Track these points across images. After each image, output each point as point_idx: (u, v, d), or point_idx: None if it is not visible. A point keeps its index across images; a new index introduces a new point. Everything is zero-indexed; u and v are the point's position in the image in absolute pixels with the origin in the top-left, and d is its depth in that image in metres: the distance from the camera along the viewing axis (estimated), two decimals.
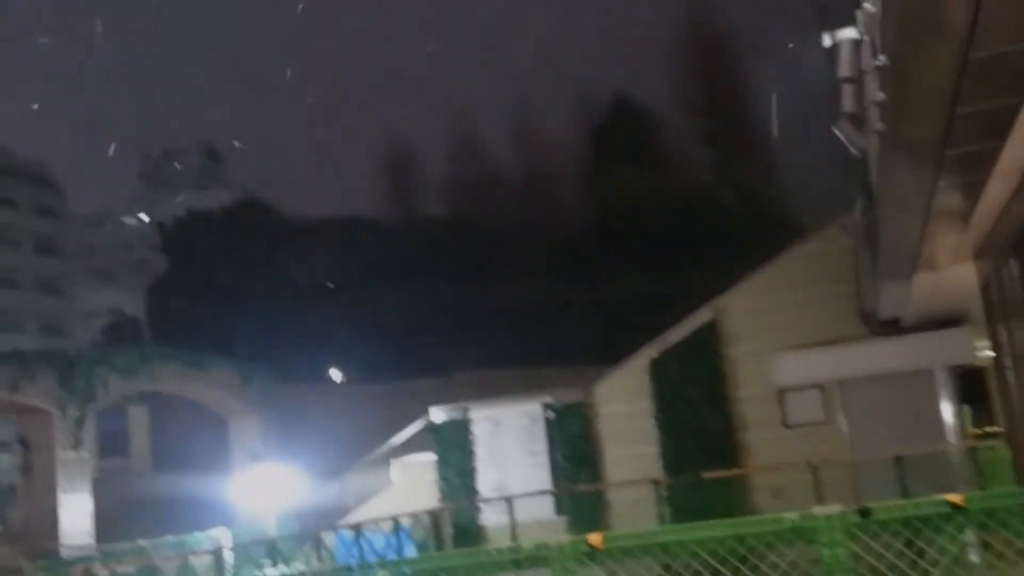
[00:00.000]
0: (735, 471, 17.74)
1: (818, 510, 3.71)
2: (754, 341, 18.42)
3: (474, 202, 49.19)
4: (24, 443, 24.51)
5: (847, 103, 7.84)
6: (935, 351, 17.06)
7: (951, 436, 16.87)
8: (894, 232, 10.01)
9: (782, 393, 18.22)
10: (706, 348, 18.78)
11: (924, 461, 15.29)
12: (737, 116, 46.56)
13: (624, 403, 19.43)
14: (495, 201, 48.64)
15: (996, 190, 8.18)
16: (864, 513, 3.65)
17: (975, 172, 7.59)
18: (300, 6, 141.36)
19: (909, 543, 3.71)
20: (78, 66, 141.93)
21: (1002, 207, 8.84)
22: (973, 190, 8.23)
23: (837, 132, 8.30)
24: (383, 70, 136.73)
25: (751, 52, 49.48)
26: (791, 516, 3.74)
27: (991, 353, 14.68)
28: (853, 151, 8.62)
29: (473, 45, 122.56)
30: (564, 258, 39.57)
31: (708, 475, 17.36)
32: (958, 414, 17.15)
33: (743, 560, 3.88)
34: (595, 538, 3.94)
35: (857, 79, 7.44)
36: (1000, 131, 6.56)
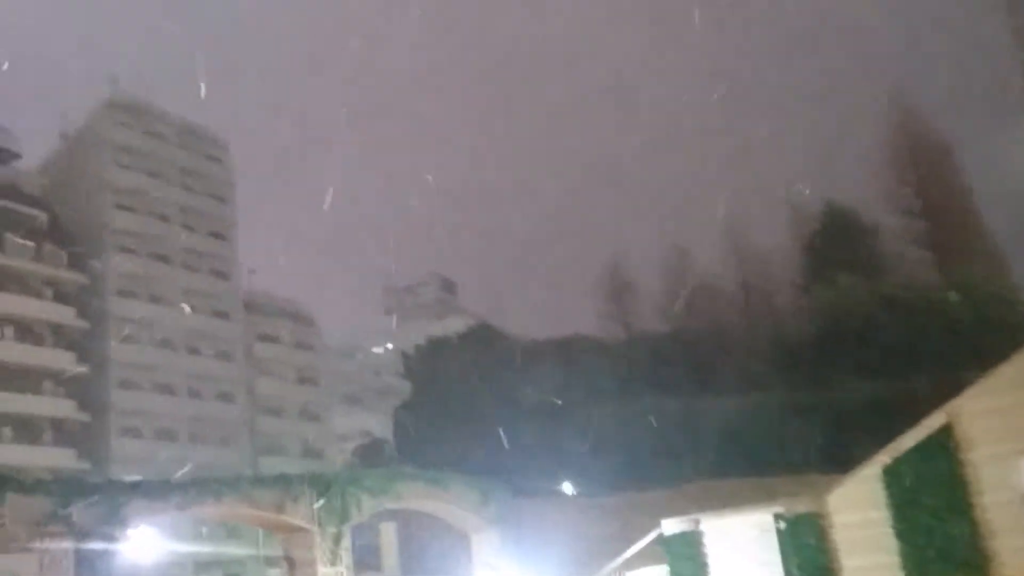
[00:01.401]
0: None
1: None
2: (996, 444, 16.92)
3: (692, 316, 48.61)
4: (289, 560, 25.60)
5: None
6: None
7: None
8: None
9: None
10: (943, 453, 17.40)
11: None
12: (954, 215, 44.12)
13: (858, 512, 18.23)
14: (712, 313, 47.88)
15: None
16: None
17: None
18: (514, 133, 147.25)
19: None
20: (325, 216, 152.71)
21: None
22: None
23: None
24: (597, 190, 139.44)
25: (962, 148, 46.88)
26: None
27: None
28: None
29: (682, 161, 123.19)
30: (785, 366, 38.19)
31: None
32: None
33: None
34: None
35: None
36: None
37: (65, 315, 56.64)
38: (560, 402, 40.56)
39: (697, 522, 20.53)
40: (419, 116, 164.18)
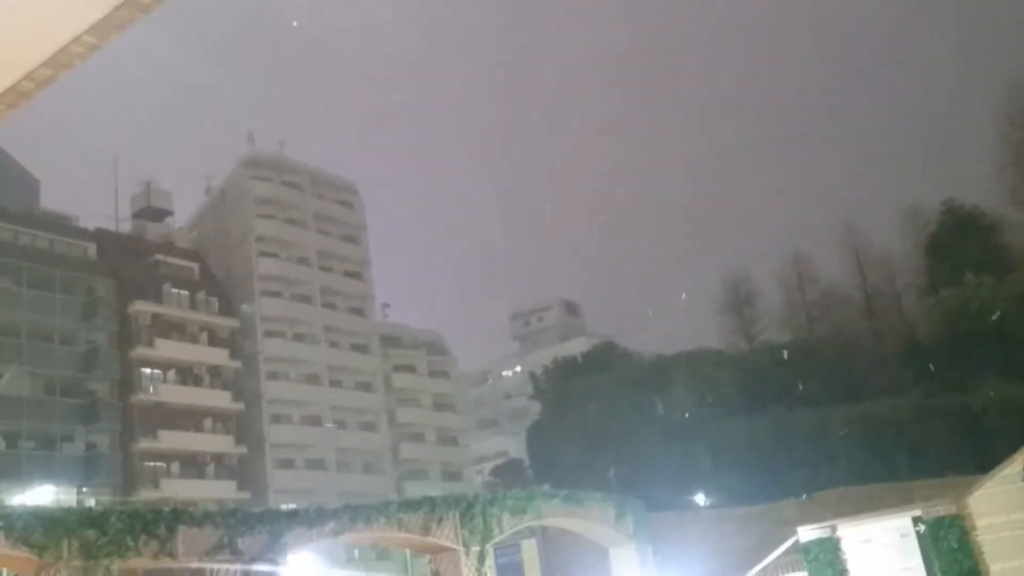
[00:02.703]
0: None
1: None
2: None
3: (815, 324, 47.32)
4: None
5: None
6: None
7: None
8: None
9: None
10: None
11: None
12: None
13: (1001, 513, 17.38)
14: (836, 320, 46.49)
15: None
16: None
17: None
18: (629, 152, 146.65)
19: None
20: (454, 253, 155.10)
21: None
22: None
23: None
24: (713, 203, 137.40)
25: None
26: None
27: None
28: None
29: (795, 169, 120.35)
30: (916, 369, 36.75)
31: None
32: None
33: None
34: None
35: None
36: None
37: (220, 357, 59.10)
38: (688, 415, 40.02)
39: (834, 528, 19.98)
40: (536, 140, 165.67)
